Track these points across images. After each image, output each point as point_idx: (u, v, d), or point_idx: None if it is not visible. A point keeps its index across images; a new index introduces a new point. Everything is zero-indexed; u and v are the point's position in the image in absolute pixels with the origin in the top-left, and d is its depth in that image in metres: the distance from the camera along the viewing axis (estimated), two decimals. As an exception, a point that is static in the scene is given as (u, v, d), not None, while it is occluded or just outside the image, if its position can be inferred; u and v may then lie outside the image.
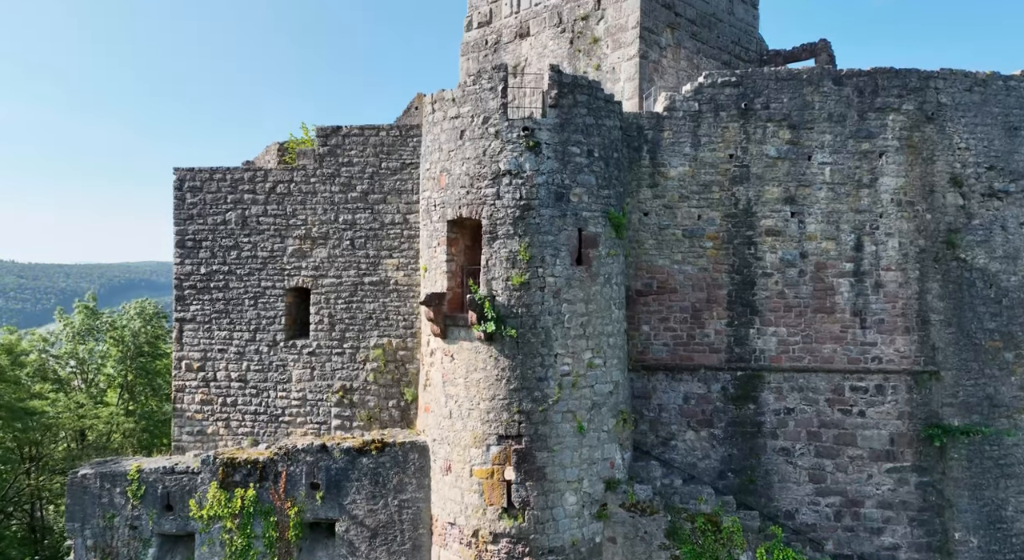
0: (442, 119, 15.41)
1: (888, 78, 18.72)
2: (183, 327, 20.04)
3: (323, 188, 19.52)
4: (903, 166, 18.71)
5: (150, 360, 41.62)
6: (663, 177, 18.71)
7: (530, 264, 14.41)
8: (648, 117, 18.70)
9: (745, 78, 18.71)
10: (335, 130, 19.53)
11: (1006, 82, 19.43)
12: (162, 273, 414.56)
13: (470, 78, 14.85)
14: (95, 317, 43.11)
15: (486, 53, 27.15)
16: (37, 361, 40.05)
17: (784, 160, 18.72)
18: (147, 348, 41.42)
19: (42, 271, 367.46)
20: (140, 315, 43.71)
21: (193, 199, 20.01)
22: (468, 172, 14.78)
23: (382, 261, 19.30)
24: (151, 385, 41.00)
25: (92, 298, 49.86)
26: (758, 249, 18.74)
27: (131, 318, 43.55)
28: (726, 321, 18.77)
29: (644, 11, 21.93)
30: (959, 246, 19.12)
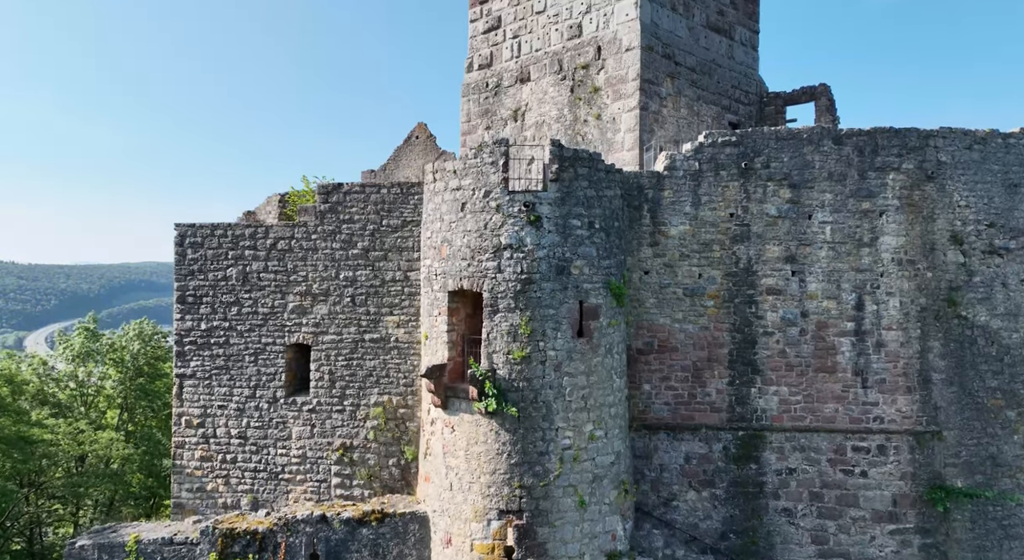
0: (443, 189, 15.44)
1: (888, 137, 18.78)
2: (183, 383, 20.00)
3: (324, 245, 19.53)
4: (903, 225, 18.74)
5: (149, 380, 41.70)
6: (664, 236, 18.74)
7: (531, 338, 14.40)
8: (648, 176, 18.75)
9: (745, 138, 18.77)
10: (336, 187, 19.57)
11: (1005, 140, 19.50)
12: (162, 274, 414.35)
13: (471, 151, 14.90)
14: (95, 339, 43.21)
15: (487, 95, 27.27)
16: (36, 385, 40.08)
17: (785, 219, 18.75)
18: (146, 368, 41.56)
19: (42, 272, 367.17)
20: (139, 336, 43.80)
21: (194, 255, 20.02)
22: (469, 244, 14.80)
23: (383, 318, 19.28)
24: (151, 406, 41.08)
25: (92, 319, 49.93)
26: (759, 308, 18.74)
27: (130, 339, 43.65)
28: (727, 380, 18.74)
29: (644, 63, 22.04)
30: (960, 304, 19.12)
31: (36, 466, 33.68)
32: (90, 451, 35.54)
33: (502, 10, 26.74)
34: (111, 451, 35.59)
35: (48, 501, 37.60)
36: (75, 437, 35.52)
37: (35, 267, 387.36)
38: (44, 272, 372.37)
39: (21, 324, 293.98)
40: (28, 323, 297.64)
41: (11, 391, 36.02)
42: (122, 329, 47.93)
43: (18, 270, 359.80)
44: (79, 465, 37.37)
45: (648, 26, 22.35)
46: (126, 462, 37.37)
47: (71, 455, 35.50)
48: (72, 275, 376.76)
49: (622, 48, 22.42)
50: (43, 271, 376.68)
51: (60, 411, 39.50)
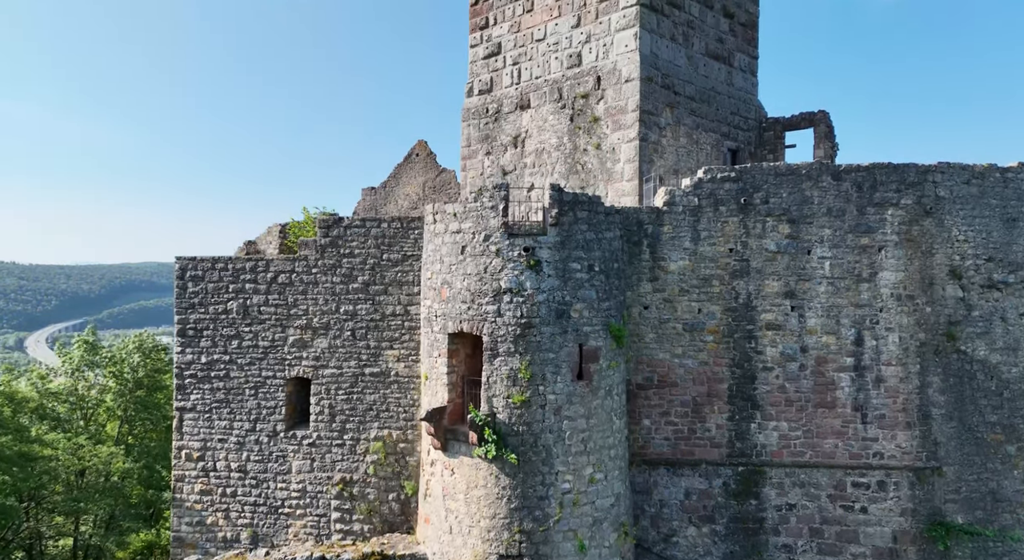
0: (443, 231, 15.50)
1: (886, 173, 18.85)
2: (183, 416, 20.01)
3: (324, 279, 19.58)
4: (902, 260, 18.79)
5: (149, 393, 41.82)
6: (663, 271, 18.78)
7: (531, 382, 14.43)
8: (648, 212, 18.81)
9: (744, 173, 18.84)
10: (336, 221, 19.63)
11: (1003, 174, 19.56)
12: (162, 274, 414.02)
13: (471, 195, 14.97)
14: (95, 352, 43.32)
15: (487, 121, 27.36)
16: (36, 401, 40.19)
17: (784, 254, 18.80)
18: (146, 381, 41.70)
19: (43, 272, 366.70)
20: (139, 349, 43.90)
21: (195, 288, 20.07)
22: (469, 288, 14.85)
23: (383, 352, 19.31)
24: (151, 418, 41.19)
25: (92, 332, 49.98)
26: (759, 343, 18.77)
27: (130, 352, 43.76)
28: (727, 415, 18.76)
29: (643, 95, 22.13)
30: (959, 338, 19.15)
31: (36, 482, 33.89)
32: (90, 466, 35.72)
33: (502, 37, 26.86)
34: (111, 466, 35.74)
35: (48, 514, 37.78)
36: (75, 452, 35.70)
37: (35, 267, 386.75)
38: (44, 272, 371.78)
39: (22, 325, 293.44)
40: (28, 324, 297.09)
41: (12, 410, 36.15)
42: (122, 341, 48.10)
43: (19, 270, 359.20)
44: (79, 480, 37.48)
45: (647, 57, 22.46)
46: (126, 477, 37.53)
47: (71, 470, 35.66)
48: (72, 275, 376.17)
49: (621, 79, 22.51)
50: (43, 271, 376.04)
51: (59, 424, 39.62)
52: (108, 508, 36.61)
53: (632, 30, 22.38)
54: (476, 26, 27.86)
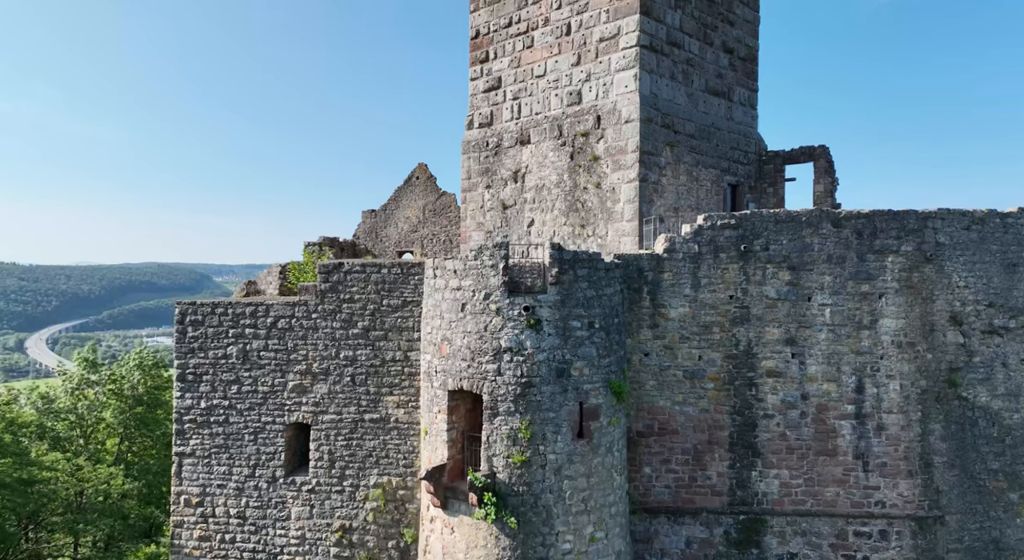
0: (443, 287, 15.49)
1: (886, 220, 18.85)
2: (182, 462, 19.94)
3: (324, 324, 19.55)
4: (903, 307, 18.76)
5: (149, 409, 41.86)
6: (663, 318, 18.76)
7: (531, 442, 14.39)
8: (648, 259, 18.80)
9: (744, 220, 18.84)
10: (337, 267, 19.61)
11: (1003, 220, 19.57)
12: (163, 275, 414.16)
13: (471, 253, 14.96)
14: (95, 369, 43.36)
15: (487, 154, 27.40)
16: (36, 420, 40.26)
17: (784, 301, 18.78)
18: (146, 398, 41.76)
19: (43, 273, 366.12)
20: (139, 366, 43.97)
21: (194, 333, 20.04)
22: (469, 346, 14.83)
23: (383, 398, 19.27)
24: (150, 435, 41.22)
25: (92, 349, 49.98)
26: (759, 390, 18.73)
27: (130, 370, 43.82)
28: (728, 463, 18.70)
29: (643, 135, 22.16)
30: (960, 385, 19.11)
31: (35, 505, 34.01)
32: (89, 488, 35.83)
33: (502, 71, 26.93)
34: (110, 486, 35.82)
35: (47, 533, 37.86)
36: (74, 473, 35.79)
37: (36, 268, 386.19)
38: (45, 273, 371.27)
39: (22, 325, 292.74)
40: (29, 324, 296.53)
41: (12, 435, 36.23)
42: (123, 357, 48.10)
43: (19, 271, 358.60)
44: (78, 501, 37.50)
45: (647, 97, 22.49)
46: (125, 497, 37.60)
47: (70, 492, 35.74)
48: (73, 276, 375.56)
49: (621, 119, 22.54)
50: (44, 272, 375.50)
51: (59, 443, 39.69)
52: (107, 528, 36.70)
53: (632, 71, 22.43)
54: (476, 59, 27.94)
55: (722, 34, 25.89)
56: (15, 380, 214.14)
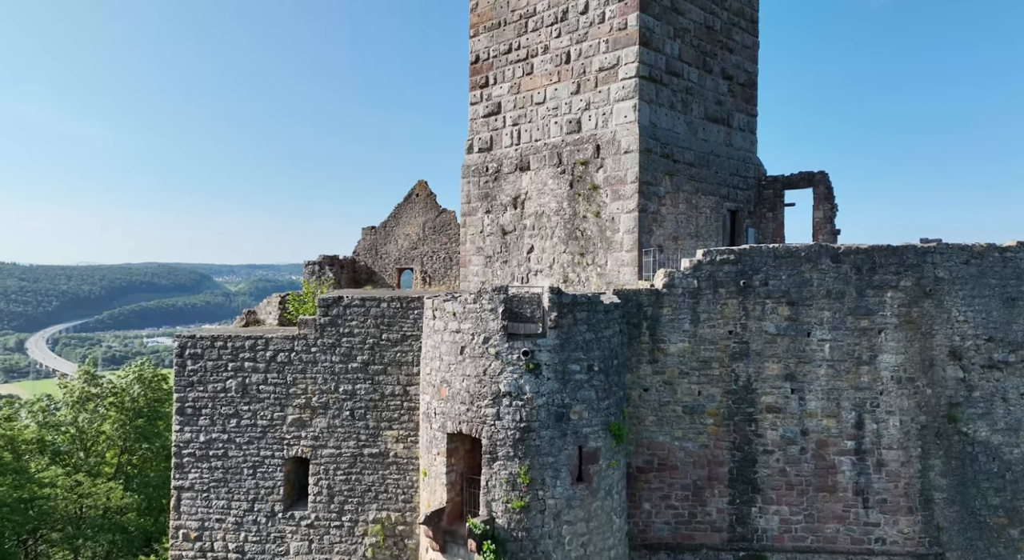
0: (443, 329, 15.49)
1: (885, 255, 18.85)
2: (181, 495, 19.91)
3: (324, 358, 19.55)
4: (902, 342, 18.75)
5: (149, 422, 41.91)
6: (663, 353, 18.75)
7: (530, 487, 14.37)
8: (648, 294, 18.80)
9: (743, 255, 18.85)
10: (336, 300, 19.62)
11: (1002, 254, 19.57)
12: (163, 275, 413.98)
13: (471, 296, 14.96)
14: (95, 383, 43.42)
15: (487, 179, 27.43)
16: (37, 434, 40.36)
17: (783, 337, 18.78)
18: (146, 410, 41.84)
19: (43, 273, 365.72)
20: (140, 380, 44.04)
21: (194, 366, 20.03)
22: (468, 389, 14.82)
23: (382, 432, 19.26)
24: (151, 448, 41.26)
25: (93, 363, 49.87)
26: (759, 426, 18.71)
27: (131, 383, 43.90)
28: (728, 499, 18.66)
29: (643, 166, 22.18)
30: (960, 420, 19.07)
31: (35, 524, 34.11)
32: (88, 503, 35.89)
33: (502, 97, 26.98)
34: (109, 500, 35.89)
35: (48, 547, 37.96)
36: (73, 489, 35.87)
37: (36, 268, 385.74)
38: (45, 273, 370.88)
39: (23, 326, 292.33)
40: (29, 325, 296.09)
41: (12, 453, 36.33)
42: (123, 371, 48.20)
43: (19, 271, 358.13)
44: (78, 516, 37.54)
45: (646, 128, 22.53)
46: (124, 511, 37.65)
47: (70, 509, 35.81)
48: (73, 276, 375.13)
49: (621, 150, 22.57)
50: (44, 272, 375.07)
51: (59, 457, 39.77)
52: (107, 544, 36.73)
53: (631, 102, 22.47)
54: (476, 84, 28.00)
55: (721, 61, 25.96)
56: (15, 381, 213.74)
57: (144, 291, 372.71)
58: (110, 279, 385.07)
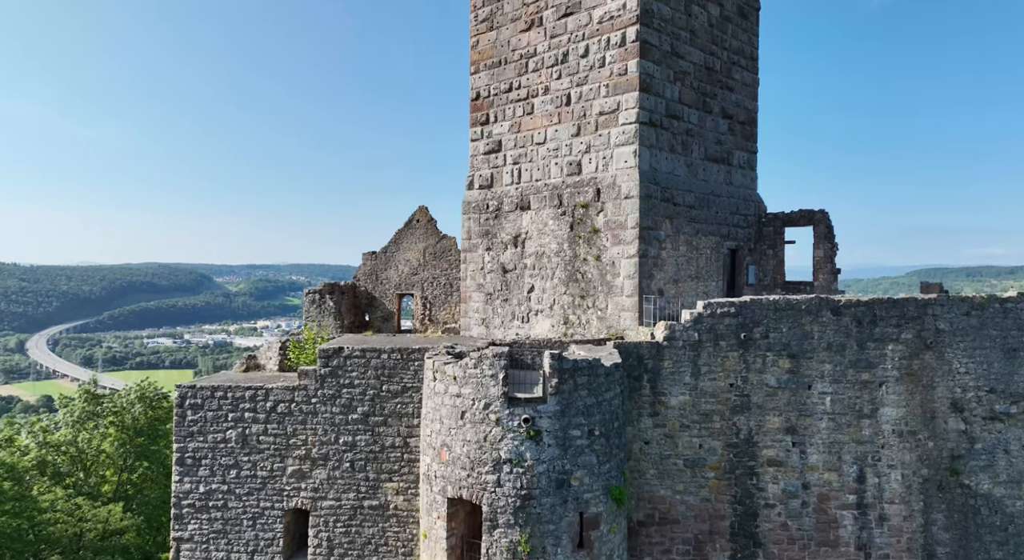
0: (443, 392, 15.48)
1: (886, 308, 18.84)
2: (180, 547, 19.84)
3: (324, 409, 19.52)
4: (903, 396, 18.72)
5: (150, 440, 41.84)
6: (663, 406, 18.72)
7: (531, 555, 14.32)
8: (648, 347, 18.78)
9: (744, 308, 18.83)
10: (336, 351, 19.60)
11: (1003, 305, 19.56)
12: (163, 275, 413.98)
13: (471, 361, 14.95)
14: (96, 402, 43.34)
15: (487, 217, 27.45)
16: (37, 456, 40.28)
17: (784, 390, 18.74)
18: (147, 429, 41.76)
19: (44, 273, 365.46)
20: (141, 399, 43.96)
21: (194, 416, 20.00)
22: (469, 455, 14.80)
23: (382, 485, 19.21)
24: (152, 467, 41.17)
25: (93, 381, 49.83)
26: (760, 480, 18.65)
27: (131, 402, 43.82)
28: (729, 553, 18.58)
29: (643, 212, 22.19)
30: (963, 472, 19.03)
31: (34, 550, 34.00)
32: (88, 528, 35.80)
33: (502, 135, 27.03)
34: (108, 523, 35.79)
35: None
36: (72, 513, 35.79)
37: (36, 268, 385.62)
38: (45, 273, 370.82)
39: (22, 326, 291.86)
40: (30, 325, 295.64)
41: (12, 482, 36.28)
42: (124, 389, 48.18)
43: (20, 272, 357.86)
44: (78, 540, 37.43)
45: (647, 173, 22.55)
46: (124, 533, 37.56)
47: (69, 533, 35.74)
48: (74, 277, 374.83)
49: (621, 195, 22.59)
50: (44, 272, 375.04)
51: (60, 479, 39.71)
52: (107, 569, 36.55)
53: (631, 147, 22.50)
54: (477, 121, 28.06)
55: (721, 101, 26.02)
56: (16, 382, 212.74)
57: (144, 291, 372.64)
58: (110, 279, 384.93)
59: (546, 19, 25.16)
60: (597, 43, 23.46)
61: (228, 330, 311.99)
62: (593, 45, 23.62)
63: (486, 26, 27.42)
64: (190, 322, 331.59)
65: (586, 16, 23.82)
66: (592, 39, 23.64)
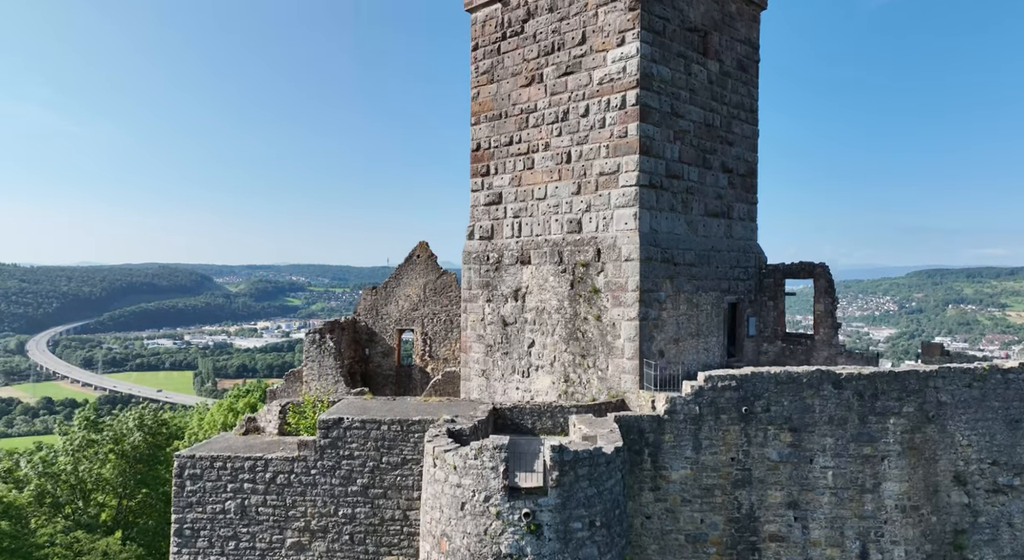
0: (443, 480, 15.41)
1: (887, 381, 18.79)
2: (179, 620, 19.70)
3: (323, 480, 19.43)
4: (906, 470, 18.63)
5: (149, 467, 41.68)
6: (664, 480, 18.63)
7: (531, 654, 14.19)
8: (649, 420, 18.71)
9: (745, 381, 18.78)
10: (336, 422, 19.53)
11: (1004, 375, 19.51)
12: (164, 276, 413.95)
13: (472, 452, 14.89)
14: (96, 430, 43.22)
15: (487, 268, 27.44)
16: (37, 486, 40.15)
17: (786, 464, 18.66)
18: (147, 455, 41.64)
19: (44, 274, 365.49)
20: (140, 427, 43.82)
21: (193, 487, 19.90)
22: (469, 548, 14.70)
23: (381, 558, 19.08)
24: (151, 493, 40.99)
25: (93, 409, 49.69)
26: (762, 555, 18.53)
27: (131, 430, 43.69)
28: (731, 630, 18.44)
29: (643, 274, 22.17)
30: (966, 547, 18.91)
31: None
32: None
33: (503, 187, 27.07)
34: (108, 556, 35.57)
35: None
36: (71, 547, 35.70)
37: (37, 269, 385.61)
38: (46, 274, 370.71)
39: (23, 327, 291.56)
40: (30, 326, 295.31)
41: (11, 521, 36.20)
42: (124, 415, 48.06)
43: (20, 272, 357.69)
44: None
45: (647, 235, 22.55)
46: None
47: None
48: (74, 277, 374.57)
49: (621, 257, 22.58)
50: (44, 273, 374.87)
51: (59, 510, 39.54)
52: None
53: (632, 209, 22.51)
54: (477, 171, 28.11)
55: (721, 155, 26.06)
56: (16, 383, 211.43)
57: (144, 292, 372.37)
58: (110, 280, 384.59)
59: (547, 76, 25.27)
60: (597, 104, 23.54)
61: (228, 331, 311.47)
62: (593, 105, 23.69)
63: (486, 78, 27.52)
64: (190, 323, 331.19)
65: (586, 76, 23.90)
66: (592, 99, 23.71)
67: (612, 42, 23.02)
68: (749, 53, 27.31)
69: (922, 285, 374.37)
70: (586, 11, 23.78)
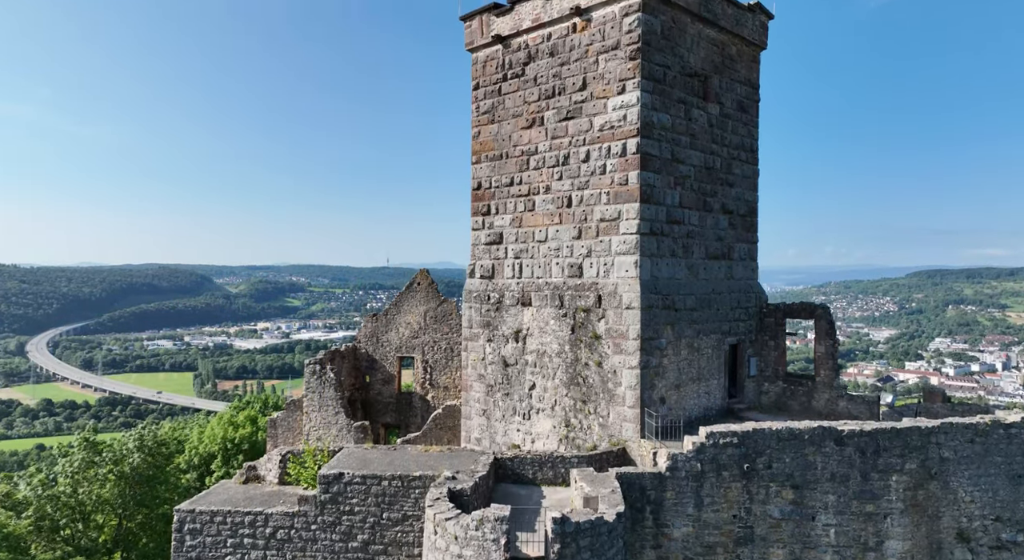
0: (444, 549, 15.38)
1: (889, 438, 18.74)
2: None
3: (324, 536, 19.38)
4: (909, 528, 18.58)
5: (149, 488, 41.63)
6: (666, 538, 18.57)
7: None
8: (650, 477, 18.66)
9: (747, 438, 18.74)
10: (337, 477, 19.49)
11: (1007, 430, 19.46)
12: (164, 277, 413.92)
13: (473, 523, 14.86)
14: (96, 451, 43.17)
15: (488, 308, 27.41)
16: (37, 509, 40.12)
17: (788, 521, 18.61)
18: (147, 475, 41.60)
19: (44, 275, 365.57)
20: (140, 448, 43.76)
21: (193, 541, 19.86)
22: (470, 620, 14.67)
23: (382, 616, 19.01)
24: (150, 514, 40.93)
25: (93, 430, 49.66)
26: (765, 614, 18.47)
27: (131, 451, 43.62)
28: None
29: (644, 322, 22.14)
30: (969, 604, 18.84)
31: None
32: None
33: (504, 228, 27.05)
34: None
35: None
36: None
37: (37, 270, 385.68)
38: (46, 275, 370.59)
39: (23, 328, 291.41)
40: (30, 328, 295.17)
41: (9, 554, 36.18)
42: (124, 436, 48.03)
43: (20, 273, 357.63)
44: None
45: (648, 283, 22.52)
46: None
47: None
48: (74, 278, 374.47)
49: (622, 305, 22.55)
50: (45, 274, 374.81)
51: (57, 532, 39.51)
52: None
53: (633, 257, 22.48)
54: (478, 210, 28.10)
55: (721, 197, 26.05)
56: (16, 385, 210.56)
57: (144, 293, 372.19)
58: (111, 281, 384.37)
59: (547, 119, 25.27)
60: (598, 150, 23.53)
61: (228, 332, 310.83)
62: (594, 151, 23.68)
63: (487, 118, 27.54)
64: (190, 324, 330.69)
65: (587, 122, 23.90)
66: (593, 145, 23.71)
67: (613, 90, 23.02)
68: (749, 93, 27.33)
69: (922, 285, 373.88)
70: (587, 58, 23.79)
